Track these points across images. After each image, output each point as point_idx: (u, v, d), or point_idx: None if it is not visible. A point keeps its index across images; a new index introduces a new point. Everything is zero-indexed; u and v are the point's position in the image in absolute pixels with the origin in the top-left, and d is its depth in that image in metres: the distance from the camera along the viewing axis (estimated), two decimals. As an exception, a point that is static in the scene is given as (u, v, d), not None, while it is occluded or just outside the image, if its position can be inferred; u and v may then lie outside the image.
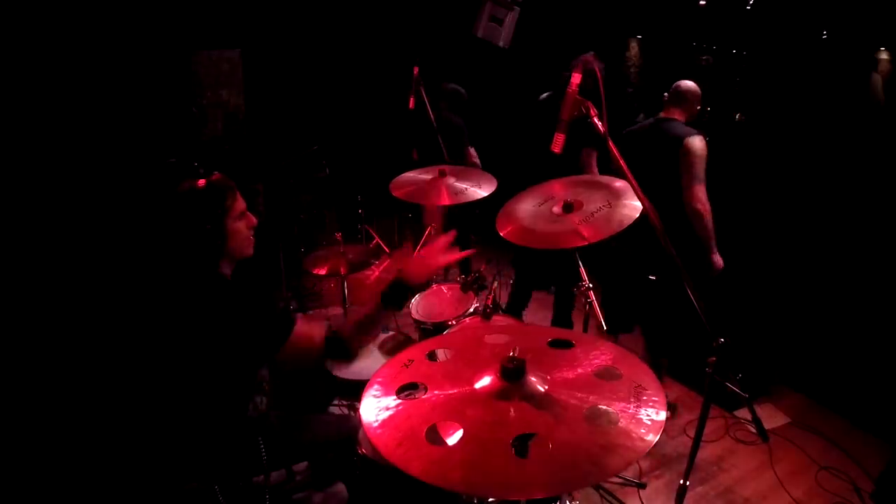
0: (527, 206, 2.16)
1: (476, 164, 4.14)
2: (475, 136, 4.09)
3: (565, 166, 2.42)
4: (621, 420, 1.13)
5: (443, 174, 2.68)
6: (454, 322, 2.40)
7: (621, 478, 2.59)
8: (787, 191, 3.86)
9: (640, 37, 5.29)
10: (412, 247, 1.95)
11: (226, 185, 1.62)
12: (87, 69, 3.71)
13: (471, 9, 3.24)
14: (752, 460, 2.77)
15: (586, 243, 1.89)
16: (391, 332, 2.59)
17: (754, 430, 2.84)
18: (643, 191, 1.61)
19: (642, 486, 2.57)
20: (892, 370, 2.92)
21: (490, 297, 2.37)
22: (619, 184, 2.08)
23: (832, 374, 3.22)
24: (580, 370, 1.29)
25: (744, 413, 2.99)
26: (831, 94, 3.76)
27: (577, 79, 1.75)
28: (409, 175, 2.82)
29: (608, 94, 1.67)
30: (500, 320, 2.36)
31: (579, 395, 1.20)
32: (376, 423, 1.18)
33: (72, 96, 3.65)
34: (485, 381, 1.25)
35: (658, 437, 1.09)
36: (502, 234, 2.10)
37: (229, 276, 1.69)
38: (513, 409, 1.18)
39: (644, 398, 1.18)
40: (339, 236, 3.03)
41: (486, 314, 2.32)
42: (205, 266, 1.61)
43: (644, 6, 4.98)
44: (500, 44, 3.28)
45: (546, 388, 1.23)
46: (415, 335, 2.56)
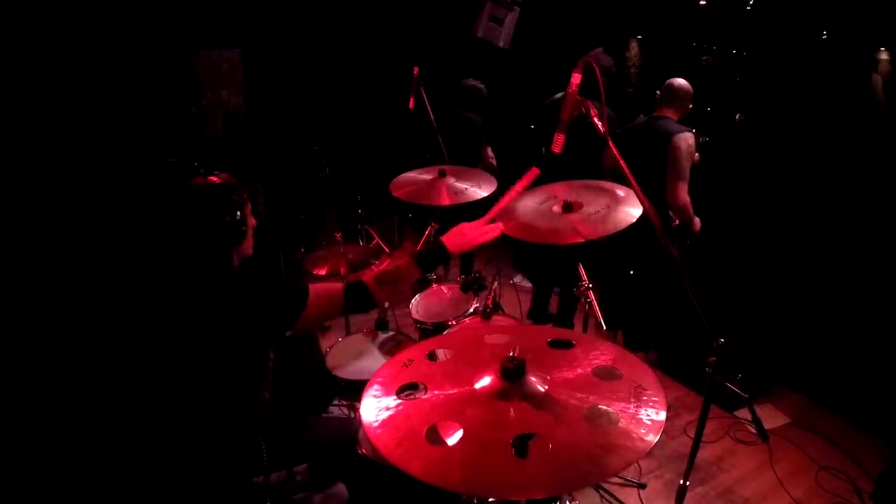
0: (528, 204, 2.18)
1: (492, 164, 4.12)
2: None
3: (570, 167, 2.42)
4: (621, 420, 1.13)
5: (443, 174, 2.68)
6: (454, 322, 2.40)
7: (621, 478, 2.59)
8: (787, 191, 3.86)
9: (640, 37, 5.29)
10: (412, 247, 1.96)
11: (239, 181, 1.70)
12: (88, 69, 3.72)
13: (471, 9, 3.24)
14: (752, 460, 2.77)
15: (582, 240, 1.90)
16: (391, 332, 2.59)
17: (754, 430, 2.82)
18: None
19: (642, 486, 2.57)
20: (892, 370, 2.92)
21: (490, 297, 2.36)
22: (622, 192, 2.10)
23: (832, 374, 3.22)
24: (580, 370, 1.29)
25: (744, 413, 2.99)
26: (831, 94, 3.76)
27: (577, 79, 1.74)
28: (409, 175, 2.82)
29: (608, 94, 1.67)
30: (499, 320, 2.36)
31: (579, 395, 1.21)
32: (376, 423, 1.18)
33: (73, 96, 3.65)
34: (485, 381, 1.25)
35: (658, 437, 1.09)
36: (503, 230, 2.11)
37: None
38: (513, 409, 1.18)
39: (644, 398, 1.18)
40: (339, 236, 3.03)
41: (485, 314, 2.32)
42: (220, 258, 1.66)
43: (644, 6, 4.98)
44: (500, 44, 3.29)
45: (546, 388, 1.23)
46: (415, 335, 2.56)
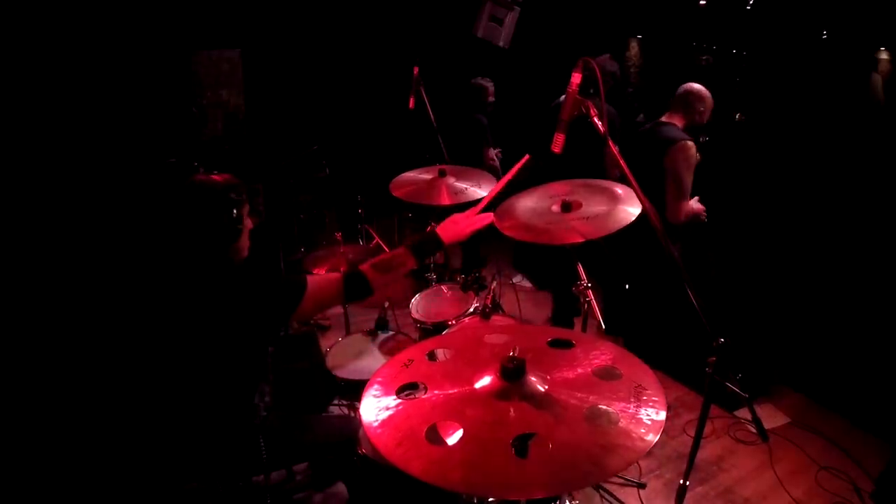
0: (527, 204, 2.17)
1: (493, 165, 4.11)
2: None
3: (571, 167, 2.41)
4: (621, 420, 1.13)
5: (443, 174, 2.68)
6: (454, 322, 2.40)
7: (621, 478, 2.59)
8: (787, 190, 3.86)
9: (640, 37, 5.29)
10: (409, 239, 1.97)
11: (240, 182, 1.72)
12: (89, 69, 3.72)
13: (471, 9, 3.24)
14: (752, 460, 2.76)
15: (581, 240, 1.90)
16: (391, 332, 2.59)
17: (754, 430, 2.84)
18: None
19: (642, 486, 2.57)
20: (892, 370, 2.92)
21: (490, 296, 2.36)
22: (621, 190, 2.10)
23: (832, 374, 3.22)
24: (580, 370, 1.29)
25: (744, 413, 2.99)
26: (831, 94, 3.76)
27: (577, 78, 1.74)
28: (409, 175, 2.81)
29: (610, 94, 1.67)
30: (499, 320, 2.36)
31: (579, 395, 1.20)
32: (376, 423, 1.18)
33: (73, 96, 3.65)
34: (485, 381, 1.25)
35: (658, 436, 1.09)
36: (502, 229, 2.11)
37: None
38: (513, 409, 1.18)
39: (644, 398, 1.18)
40: (339, 236, 3.03)
41: (485, 314, 2.32)
42: (217, 254, 1.67)
43: (644, 6, 4.98)
44: (500, 44, 3.28)
45: (546, 388, 1.23)
46: (415, 335, 2.56)
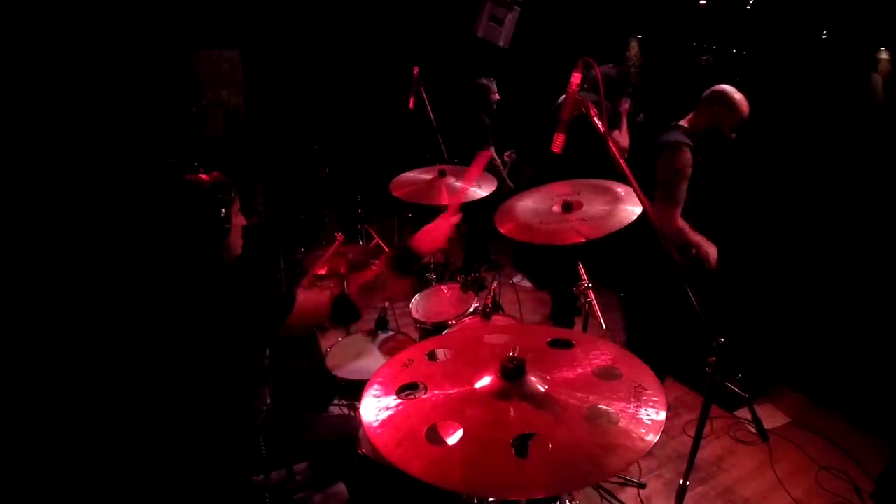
0: (527, 205, 2.18)
1: (495, 165, 4.11)
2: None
3: (572, 167, 2.41)
4: (621, 420, 1.13)
5: (443, 174, 2.68)
6: (454, 322, 2.40)
7: (621, 478, 2.59)
8: (787, 191, 3.86)
9: (640, 37, 5.29)
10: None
11: (228, 180, 1.71)
12: (89, 69, 3.71)
13: (471, 9, 3.25)
14: (752, 460, 2.77)
15: (583, 240, 1.90)
16: (391, 332, 2.59)
17: (754, 430, 2.83)
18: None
19: (642, 486, 2.57)
20: (892, 370, 2.92)
21: (490, 297, 2.37)
22: (622, 190, 2.10)
23: (832, 374, 3.22)
24: (580, 370, 1.29)
25: (744, 413, 2.99)
26: (831, 94, 3.76)
27: (576, 78, 1.74)
28: (409, 175, 2.81)
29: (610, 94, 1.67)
30: (499, 320, 2.36)
31: (579, 395, 1.21)
32: (376, 423, 1.18)
33: (73, 96, 3.65)
34: (485, 381, 1.25)
35: (658, 436, 1.09)
36: (502, 231, 2.11)
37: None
38: (513, 409, 1.18)
39: (644, 398, 1.18)
40: (339, 236, 3.02)
41: (485, 314, 2.32)
42: (206, 253, 1.67)
43: (644, 6, 4.98)
44: (500, 44, 3.29)
45: (546, 388, 1.23)
46: (415, 335, 2.56)
